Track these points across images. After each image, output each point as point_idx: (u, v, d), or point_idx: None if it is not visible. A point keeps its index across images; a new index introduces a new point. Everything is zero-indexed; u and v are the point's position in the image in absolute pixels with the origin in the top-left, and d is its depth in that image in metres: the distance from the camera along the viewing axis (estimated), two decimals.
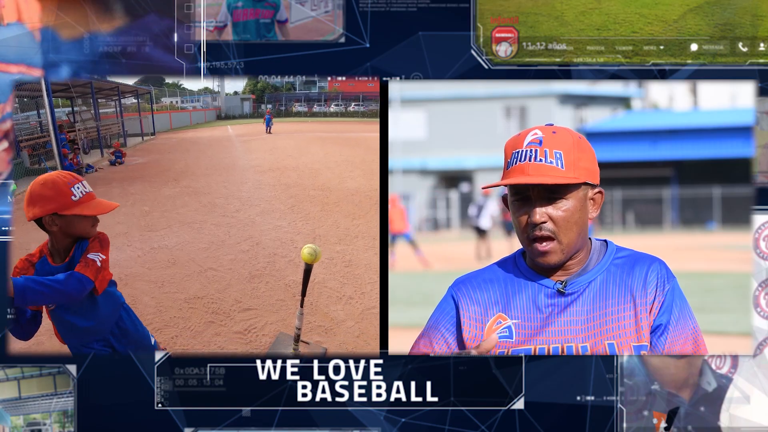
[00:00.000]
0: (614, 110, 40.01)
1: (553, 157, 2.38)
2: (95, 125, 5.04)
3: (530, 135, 2.42)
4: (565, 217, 2.39)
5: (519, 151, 2.41)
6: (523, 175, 2.38)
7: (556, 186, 2.38)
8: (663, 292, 2.44)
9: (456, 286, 2.56)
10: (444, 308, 2.55)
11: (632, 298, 2.44)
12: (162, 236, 5.59)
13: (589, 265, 2.47)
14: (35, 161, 4.40)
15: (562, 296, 2.45)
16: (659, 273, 2.46)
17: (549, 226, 2.39)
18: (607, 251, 2.50)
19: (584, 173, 2.41)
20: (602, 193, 2.48)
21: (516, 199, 2.43)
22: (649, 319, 2.43)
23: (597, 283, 2.45)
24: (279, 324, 4.84)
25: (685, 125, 35.17)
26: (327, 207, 6.16)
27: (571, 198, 2.40)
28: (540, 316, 2.45)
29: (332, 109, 5.68)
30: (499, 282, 2.51)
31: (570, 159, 2.39)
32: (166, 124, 5.77)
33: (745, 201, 28.80)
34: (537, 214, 2.38)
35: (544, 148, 2.39)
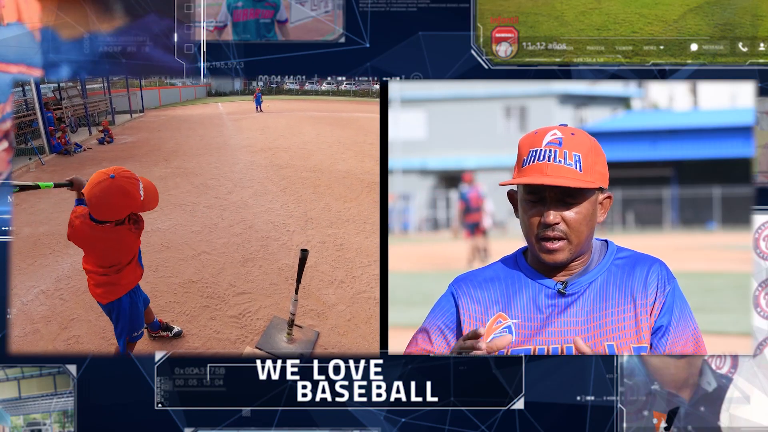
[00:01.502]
0: (614, 110, 40.01)
1: (572, 159, 2.37)
2: (82, 102, 5.00)
3: (549, 135, 2.41)
4: (578, 220, 2.38)
5: (537, 150, 2.40)
6: (542, 175, 2.37)
7: (573, 189, 2.37)
8: (663, 294, 2.44)
9: (456, 284, 2.55)
10: (444, 306, 2.55)
11: (632, 299, 2.43)
12: (155, 219, 5.56)
13: (590, 266, 2.47)
14: (21, 141, 4.37)
15: (562, 297, 2.44)
16: (659, 274, 2.46)
17: (561, 227, 2.38)
18: (608, 251, 2.50)
19: (599, 177, 2.41)
20: (611, 197, 2.48)
21: (530, 198, 2.42)
22: (650, 320, 2.43)
23: (597, 284, 2.45)
24: (273, 308, 4.83)
25: (685, 125, 35.15)
26: (319, 189, 6.16)
27: (585, 201, 2.39)
28: (540, 316, 2.45)
29: (324, 87, 5.65)
30: (500, 281, 2.51)
31: (588, 162, 2.38)
32: (155, 101, 5.74)
33: (745, 201, 28.78)
34: (551, 216, 2.38)
35: (563, 149, 2.38)
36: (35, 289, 4.79)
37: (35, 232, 5.21)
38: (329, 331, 4.69)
